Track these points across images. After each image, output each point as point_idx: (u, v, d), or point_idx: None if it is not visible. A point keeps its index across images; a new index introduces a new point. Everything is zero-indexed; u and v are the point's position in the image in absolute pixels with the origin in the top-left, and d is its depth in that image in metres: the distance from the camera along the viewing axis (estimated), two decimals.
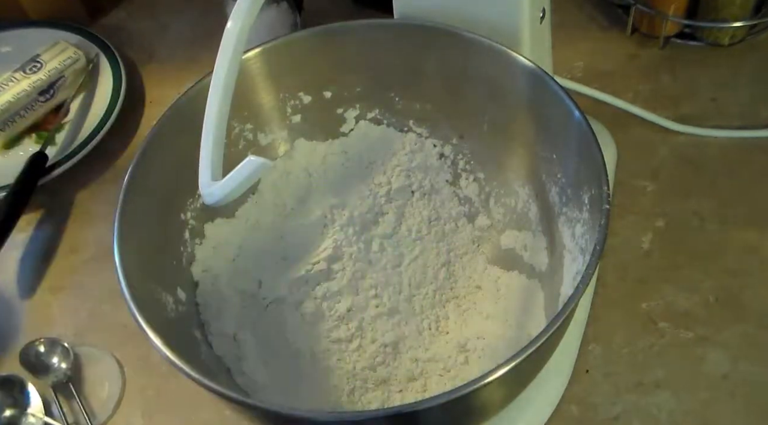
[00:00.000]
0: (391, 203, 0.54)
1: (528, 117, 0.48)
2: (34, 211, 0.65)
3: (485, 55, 0.47)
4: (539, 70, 0.44)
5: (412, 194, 0.55)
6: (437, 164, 0.55)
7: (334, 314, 0.50)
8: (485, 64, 0.47)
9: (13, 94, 0.66)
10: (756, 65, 0.66)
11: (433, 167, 0.55)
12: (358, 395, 0.46)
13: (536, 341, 0.34)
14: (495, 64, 0.47)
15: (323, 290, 0.50)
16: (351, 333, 0.49)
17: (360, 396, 0.46)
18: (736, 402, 0.48)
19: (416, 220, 0.54)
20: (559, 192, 0.48)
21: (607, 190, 0.39)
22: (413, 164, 0.55)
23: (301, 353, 0.48)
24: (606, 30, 0.66)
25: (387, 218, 0.54)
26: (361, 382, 0.47)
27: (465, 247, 0.53)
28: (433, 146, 0.55)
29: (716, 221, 0.56)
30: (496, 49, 0.46)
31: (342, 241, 0.52)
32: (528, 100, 0.47)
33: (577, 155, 0.43)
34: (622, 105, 0.62)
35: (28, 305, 0.60)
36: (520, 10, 0.46)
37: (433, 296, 0.51)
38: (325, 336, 0.49)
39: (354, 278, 0.51)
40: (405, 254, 0.52)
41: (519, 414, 0.47)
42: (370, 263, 0.52)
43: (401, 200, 0.54)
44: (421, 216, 0.54)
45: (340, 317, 0.49)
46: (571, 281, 0.44)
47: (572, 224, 0.46)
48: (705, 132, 0.61)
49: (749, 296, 0.52)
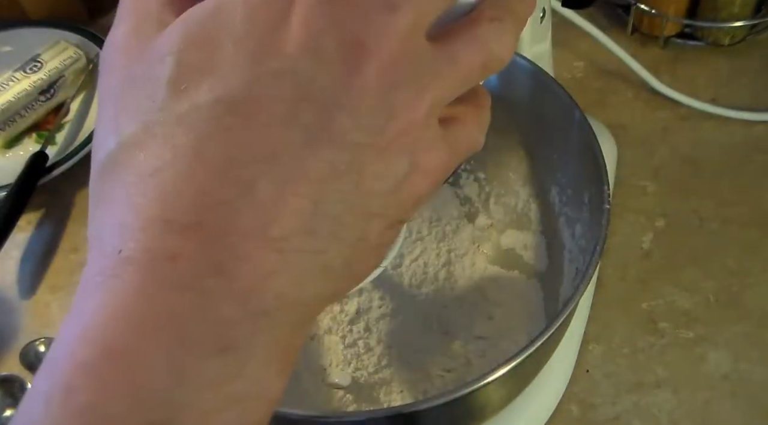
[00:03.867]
0: None
1: (528, 117, 0.48)
2: (34, 211, 0.65)
3: None
4: (539, 70, 0.44)
5: None
6: None
7: (345, 318, 0.50)
8: None
9: (13, 93, 0.66)
10: (756, 65, 0.66)
11: None
12: (358, 395, 0.46)
13: (536, 341, 0.34)
14: None
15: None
16: (359, 334, 0.49)
17: (360, 396, 0.46)
18: (736, 401, 0.48)
19: (417, 221, 0.54)
20: (559, 192, 0.48)
21: (608, 190, 0.39)
22: None
23: (301, 353, 0.48)
24: (606, 30, 0.66)
25: None
26: (361, 382, 0.47)
27: (465, 247, 0.53)
28: None
29: (716, 221, 0.56)
30: None
31: None
32: (528, 100, 0.47)
33: (577, 154, 0.43)
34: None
35: (28, 305, 0.60)
36: None
37: (433, 297, 0.51)
38: (326, 336, 0.49)
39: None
40: (405, 254, 0.52)
41: (519, 414, 0.47)
42: None
43: None
44: (422, 217, 0.54)
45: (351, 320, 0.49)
46: (571, 281, 0.44)
47: (572, 224, 0.46)
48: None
49: (749, 296, 0.52)
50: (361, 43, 0.18)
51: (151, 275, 0.18)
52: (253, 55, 0.18)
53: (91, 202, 0.20)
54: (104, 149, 0.19)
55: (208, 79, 0.18)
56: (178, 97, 0.18)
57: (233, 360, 0.18)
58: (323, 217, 0.19)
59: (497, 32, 0.21)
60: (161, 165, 0.18)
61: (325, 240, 0.19)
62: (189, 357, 0.18)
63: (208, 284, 0.18)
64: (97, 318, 0.18)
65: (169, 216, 0.18)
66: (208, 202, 0.18)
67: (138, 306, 0.18)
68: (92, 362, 0.18)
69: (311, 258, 0.19)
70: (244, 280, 0.18)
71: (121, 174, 0.19)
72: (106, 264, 0.18)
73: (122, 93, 0.20)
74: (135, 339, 0.18)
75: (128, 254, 0.18)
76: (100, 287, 0.18)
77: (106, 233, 0.19)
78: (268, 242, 0.18)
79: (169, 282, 0.18)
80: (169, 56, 0.19)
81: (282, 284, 0.19)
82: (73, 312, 0.19)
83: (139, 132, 0.19)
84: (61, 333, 0.19)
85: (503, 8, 0.21)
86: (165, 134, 0.18)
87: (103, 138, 0.20)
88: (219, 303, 0.18)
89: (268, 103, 0.18)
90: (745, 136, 0.61)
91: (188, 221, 0.18)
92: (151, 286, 0.18)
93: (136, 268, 0.18)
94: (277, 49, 0.18)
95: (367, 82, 0.18)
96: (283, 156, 0.18)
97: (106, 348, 0.18)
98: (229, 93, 0.18)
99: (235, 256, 0.18)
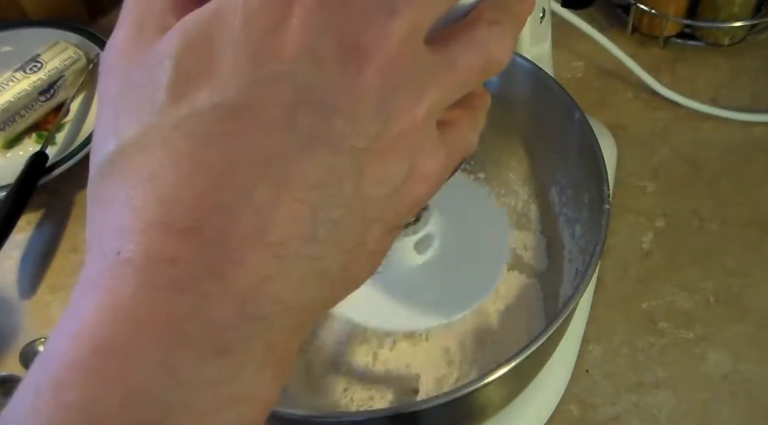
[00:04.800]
0: None
1: (528, 117, 0.48)
2: (34, 211, 0.65)
3: None
4: (539, 70, 0.44)
5: None
6: None
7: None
8: None
9: (13, 94, 0.66)
10: (756, 65, 0.66)
11: None
12: (358, 395, 0.46)
13: (536, 341, 0.34)
14: None
15: None
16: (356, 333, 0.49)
17: (360, 396, 0.46)
18: (736, 402, 0.48)
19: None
20: (559, 192, 0.48)
21: (608, 190, 0.39)
22: None
23: (300, 353, 0.48)
24: (606, 30, 0.66)
25: None
26: (361, 382, 0.47)
27: None
28: None
29: (716, 221, 0.56)
30: None
31: None
32: (528, 100, 0.47)
33: (577, 154, 0.43)
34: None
35: (28, 305, 0.60)
36: None
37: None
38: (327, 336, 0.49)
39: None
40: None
41: (519, 414, 0.47)
42: None
43: None
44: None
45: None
46: (571, 281, 0.44)
47: (572, 224, 0.46)
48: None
49: (749, 296, 0.52)
50: (359, 47, 0.18)
51: (150, 277, 0.18)
52: (252, 59, 0.18)
53: (90, 203, 0.20)
54: (103, 151, 0.19)
55: (206, 84, 0.18)
56: (176, 101, 0.18)
57: (229, 362, 0.18)
58: (321, 222, 0.19)
59: (496, 35, 0.20)
60: (160, 169, 0.18)
61: (323, 245, 0.19)
62: (184, 359, 0.18)
63: (206, 288, 0.18)
64: (93, 318, 0.18)
65: (168, 220, 0.18)
66: (206, 206, 0.18)
67: (135, 307, 0.18)
68: (85, 359, 0.18)
69: (309, 263, 0.19)
70: (242, 284, 0.18)
71: (120, 176, 0.19)
72: (105, 265, 0.18)
73: (122, 95, 0.20)
74: (130, 338, 0.18)
75: (127, 256, 0.18)
76: (98, 287, 0.18)
77: (105, 235, 0.19)
78: (266, 247, 0.18)
79: (167, 285, 0.18)
80: (168, 60, 0.19)
81: (279, 289, 0.19)
82: (70, 311, 0.19)
83: (138, 135, 0.19)
84: (56, 331, 0.19)
85: (502, 10, 0.21)
86: (164, 138, 0.18)
87: (103, 140, 0.20)
88: (216, 306, 0.18)
89: (266, 107, 0.18)
90: (745, 136, 0.61)
91: (187, 225, 0.18)
92: (149, 288, 0.18)
93: (135, 270, 0.18)
94: (276, 53, 0.18)
95: (366, 87, 0.18)
96: (282, 161, 0.18)
97: (101, 346, 0.18)
98: (227, 98, 0.18)
99: (233, 260, 0.18)
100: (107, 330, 0.18)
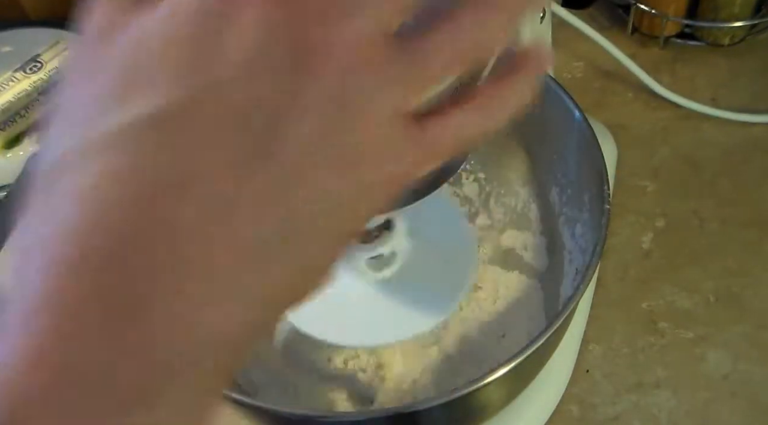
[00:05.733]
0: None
1: (528, 117, 0.48)
2: None
3: None
4: None
5: None
6: None
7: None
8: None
9: (13, 94, 0.66)
10: (756, 65, 0.66)
11: None
12: (358, 394, 0.46)
13: (536, 341, 0.34)
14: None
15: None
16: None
17: (360, 396, 0.46)
18: (736, 401, 0.48)
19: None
20: (559, 192, 0.48)
21: (608, 190, 0.39)
22: None
23: (300, 352, 0.48)
24: (606, 30, 0.66)
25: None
26: (361, 382, 0.47)
27: None
28: None
29: (716, 221, 0.56)
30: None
31: None
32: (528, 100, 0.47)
33: (578, 155, 0.44)
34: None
35: None
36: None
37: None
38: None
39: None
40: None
41: (519, 414, 0.47)
42: None
43: None
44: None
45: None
46: (571, 281, 0.44)
47: (572, 224, 0.46)
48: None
49: (749, 296, 0.52)
50: (313, 52, 0.17)
51: (63, 319, 0.16)
52: (194, 64, 0.17)
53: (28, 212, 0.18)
54: (42, 164, 0.18)
55: (144, 94, 0.17)
56: (112, 113, 0.17)
57: (157, 407, 0.17)
58: (265, 242, 0.17)
59: (480, 20, 0.19)
60: (85, 190, 0.17)
61: (267, 266, 0.17)
62: (108, 409, 0.16)
63: (121, 329, 0.16)
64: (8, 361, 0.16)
65: (86, 252, 0.16)
66: (128, 234, 0.16)
67: (46, 357, 0.16)
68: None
69: (248, 288, 0.17)
70: (164, 321, 0.16)
71: (47, 195, 0.17)
72: (18, 304, 0.17)
73: (67, 107, 0.18)
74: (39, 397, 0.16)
75: (42, 293, 0.16)
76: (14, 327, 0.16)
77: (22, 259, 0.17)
78: (199, 275, 0.17)
79: (79, 328, 0.16)
80: (111, 71, 0.17)
81: (212, 321, 0.17)
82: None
83: (69, 153, 0.17)
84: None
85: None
86: (95, 154, 0.17)
87: (42, 153, 0.18)
88: (134, 350, 0.16)
89: (206, 119, 0.17)
90: (745, 136, 0.61)
91: (106, 256, 0.16)
92: (60, 333, 0.16)
93: (49, 312, 0.16)
94: (222, 58, 0.17)
95: (319, 95, 0.17)
96: (221, 178, 0.17)
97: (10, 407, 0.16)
98: (163, 109, 0.16)
99: (158, 293, 0.16)
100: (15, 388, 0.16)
